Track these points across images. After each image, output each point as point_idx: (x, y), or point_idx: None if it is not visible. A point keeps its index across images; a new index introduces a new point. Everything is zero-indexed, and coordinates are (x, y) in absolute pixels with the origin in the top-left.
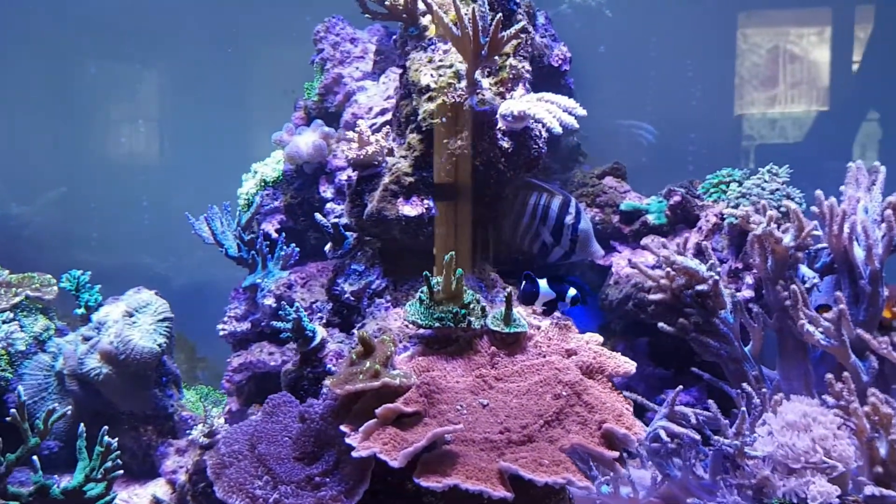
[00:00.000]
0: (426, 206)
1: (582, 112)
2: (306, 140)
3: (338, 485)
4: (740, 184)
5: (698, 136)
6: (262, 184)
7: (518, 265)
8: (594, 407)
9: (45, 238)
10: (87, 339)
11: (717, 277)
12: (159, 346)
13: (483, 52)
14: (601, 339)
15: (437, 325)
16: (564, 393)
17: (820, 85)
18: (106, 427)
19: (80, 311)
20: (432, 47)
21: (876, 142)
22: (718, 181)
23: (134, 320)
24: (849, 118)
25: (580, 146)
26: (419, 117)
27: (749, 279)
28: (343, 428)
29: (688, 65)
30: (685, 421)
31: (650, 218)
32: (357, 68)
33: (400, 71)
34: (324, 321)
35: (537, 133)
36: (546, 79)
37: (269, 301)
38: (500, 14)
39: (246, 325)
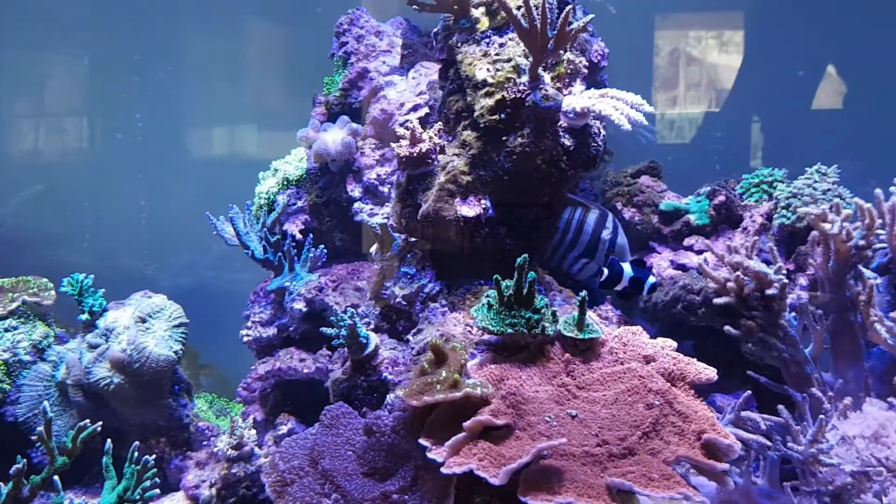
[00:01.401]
0: (483, 206)
1: (649, 108)
2: (334, 137)
3: (419, 502)
4: (783, 183)
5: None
6: (285, 182)
7: (554, 274)
8: (688, 416)
9: (24, 239)
10: (93, 346)
11: (785, 280)
12: (175, 353)
13: (549, 46)
14: (674, 343)
15: (509, 331)
16: (657, 402)
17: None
18: (137, 443)
19: (84, 316)
20: (486, 40)
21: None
22: (759, 181)
23: (147, 326)
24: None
25: (606, 145)
26: (475, 113)
27: (803, 280)
28: (423, 442)
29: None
30: (752, 426)
31: (692, 218)
32: (384, 62)
33: (439, 65)
34: (371, 326)
35: (596, 130)
36: (586, 75)
37: (299, 305)
38: (570, 5)
39: (272, 331)
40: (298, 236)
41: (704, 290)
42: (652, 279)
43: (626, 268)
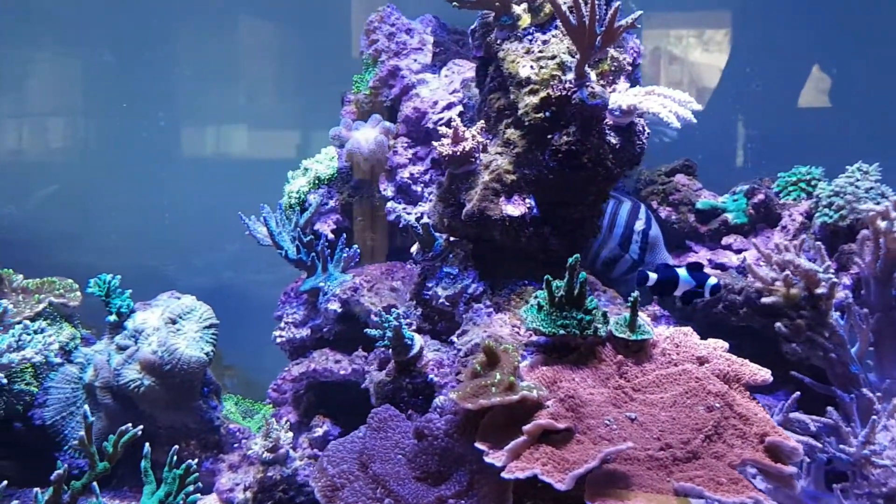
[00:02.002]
0: (528, 205)
1: (697, 106)
2: (366, 136)
3: None
4: (822, 181)
5: None
6: (316, 182)
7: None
8: (748, 419)
9: (43, 239)
10: (122, 348)
11: (835, 279)
12: (206, 354)
13: (597, 43)
14: (726, 344)
15: (561, 332)
16: (717, 405)
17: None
18: (176, 447)
19: (112, 318)
20: (529, 37)
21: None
22: (797, 179)
23: (178, 327)
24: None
25: None
26: (519, 112)
27: (846, 280)
28: (479, 446)
29: None
30: (801, 427)
31: (730, 217)
32: (415, 60)
33: (474, 63)
34: (413, 328)
35: (640, 128)
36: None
37: (334, 306)
38: (619, 2)
39: (305, 332)
40: (330, 236)
41: (745, 290)
42: (713, 280)
43: (682, 272)
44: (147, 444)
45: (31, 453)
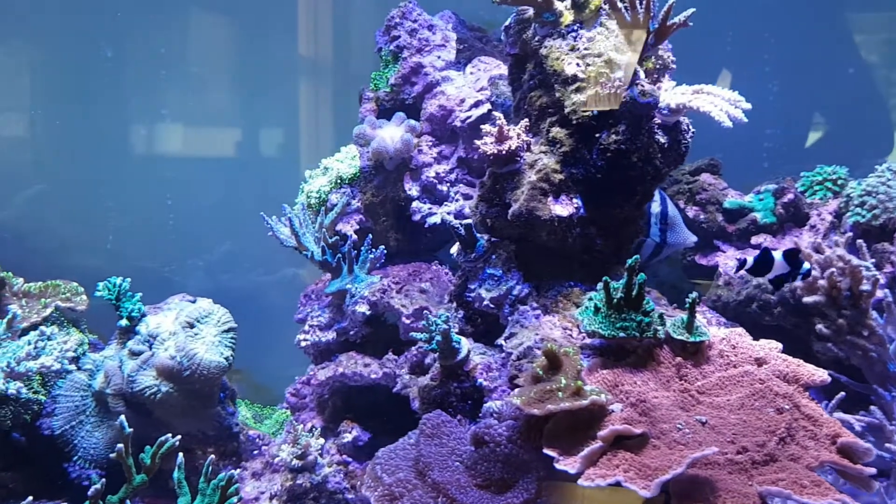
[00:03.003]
0: (576, 205)
1: (747, 105)
2: (392, 134)
3: None
4: (851, 181)
5: None
6: (338, 181)
7: None
8: (817, 420)
9: (34, 242)
10: (135, 353)
11: (878, 276)
12: (226, 359)
13: (650, 41)
14: (780, 345)
15: (621, 335)
16: (787, 406)
17: None
18: (212, 457)
19: (124, 322)
20: (573, 34)
21: None
22: (822, 178)
23: (196, 331)
24: None
25: None
26: (566, 110)
27: (881, 278)
28: (549, 452)
29: None
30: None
31: (758, 216)
32: (438, 57)
33: (508, 60)
34: (455, 330)
35: (685, 127)
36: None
37: (362, 308)
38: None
39: (331, 335)
40: (353, 237)
41: (780, 290)
42: (806, 265)
43: (778, 256)
44: (181, 455)
45: (37, 464)
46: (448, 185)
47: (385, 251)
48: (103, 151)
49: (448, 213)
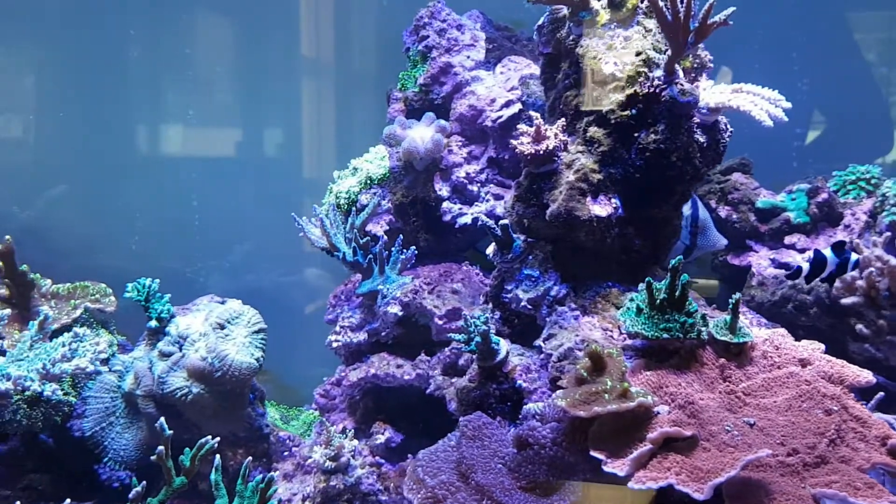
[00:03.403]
0: (614, 205)
1: (787, 104)
2: (422, 135)
3: None
4: (886, 180)
5: None
6: (367, 182)
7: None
8: (865, 421)
9: (57, 242)
10: (165, 354)
11: None
12: (257, 360)
13: (690, 40)
14: (822, 346)
15: (665, 336)
16: (835, 408)
17: None
18: (250, 458)
19: (153, 323)
20: (609, 33)
21: None
22: (856, 178)
23: (227, 333)
24: None
25: None
26: (604, 109)
27: None
28: (597, 455)
29: None
30: None
31: (791, 216)
32: (468, 57)
33: (540, 59)
34: (493, 331)
35: (723, 126)
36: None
37: (394, 309)
38: None
39: (362, 336)
40: (384, 237)
41: (815, 290)
42: (855, 256)
43: (828, 253)
44: (217, 457)
45: (65, 466)
46: (478, 185)
47: (416, 252)
48: (126, 152)
49: (479, 214)
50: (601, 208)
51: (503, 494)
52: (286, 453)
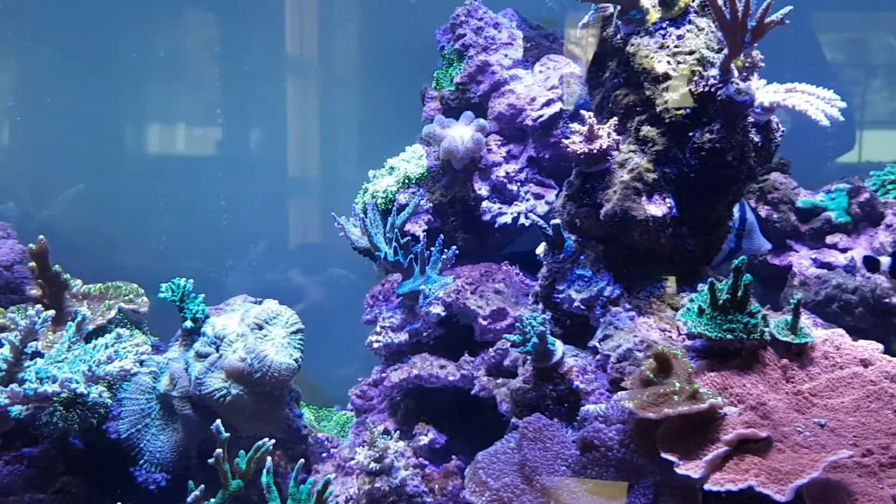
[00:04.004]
0: (669, 205)
1: (842, 104)
2: (462, 134)
3: None
4: None
5: None
6: (406, 181)
7: None
8: None
9: (77, 241)
10: (202, 355)
11: None
12: (296, 361)
13: (748, 39)
14: (881, 346)
15: (728, 337)
16: None
17: None
18: (302, 461)
19: (189, 324)
20: (661, 32)
21: None
22: (894, 178)
23: (265, 333)
24: None
25: None
26: (658, 108)
27: None
28: (668, 457)
29: None
30: None
31: (832, 215)
32: (506, 55)
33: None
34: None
35: (775, 125)
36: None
37: (437, 309)
38: None
39: (403, 336)
40: (422, 237)
41: (860, 290)
42: None
43: None
44: (269, 460)
45: (100, 469)
46: (518, 184)
47: (457, 251)
48: (149, 152)
49: (519, 213)
50: (656, 208)
51: (570, 497)
52: (324, 455)
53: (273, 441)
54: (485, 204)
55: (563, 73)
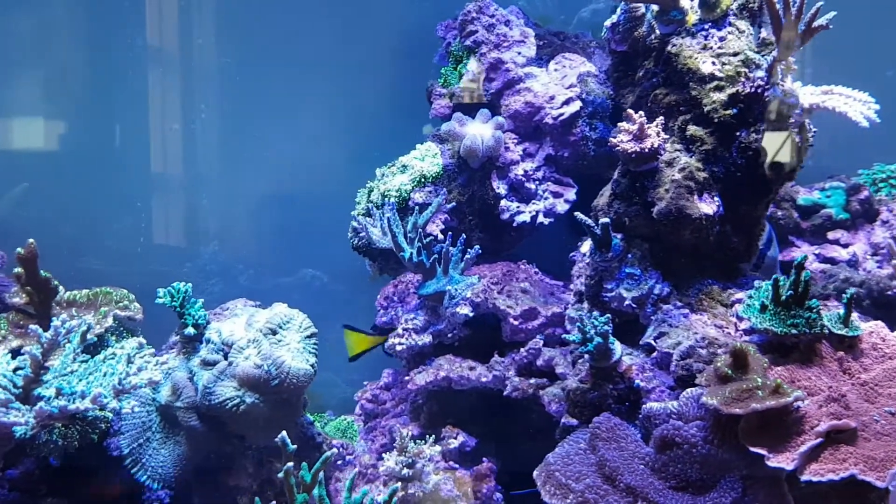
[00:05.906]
0: (717, 203)
1: (877, 106)
2: (482, 132)
3: None
4: None
5: None
6: (421, 180)
7: None
8: None
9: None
10: (209, 363)
11: None
12: (312, 366)
13: (796, 41)
14: None
15: (793, 332)
16: None
17: None
18: (357, 470)
19: (190, 330)
20: (703, 33)
21: None
22: (886, 176)
23: (279, 338)
24: None
25: None
26: (705, 108)
27: None
28: (758, 451)
29: None
30: None
31: (832, 212)
32: (519, 53)
33: (612, 58)
34: None
35: (808, 126)
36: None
37: (465, 310)
38: (821, 1)
39: (427, 338)
40: (440, 237)
41: (867, 283)
42: None
43: None
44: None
45: (89, 487)
46: (535, 182)
47: (480, 251)
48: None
49: (537, 212)
50: (707, 206)
51: (657, 495)
52: (340, 462)
53: (334, 452)
54: (503, 203)
55: (581, 72)
